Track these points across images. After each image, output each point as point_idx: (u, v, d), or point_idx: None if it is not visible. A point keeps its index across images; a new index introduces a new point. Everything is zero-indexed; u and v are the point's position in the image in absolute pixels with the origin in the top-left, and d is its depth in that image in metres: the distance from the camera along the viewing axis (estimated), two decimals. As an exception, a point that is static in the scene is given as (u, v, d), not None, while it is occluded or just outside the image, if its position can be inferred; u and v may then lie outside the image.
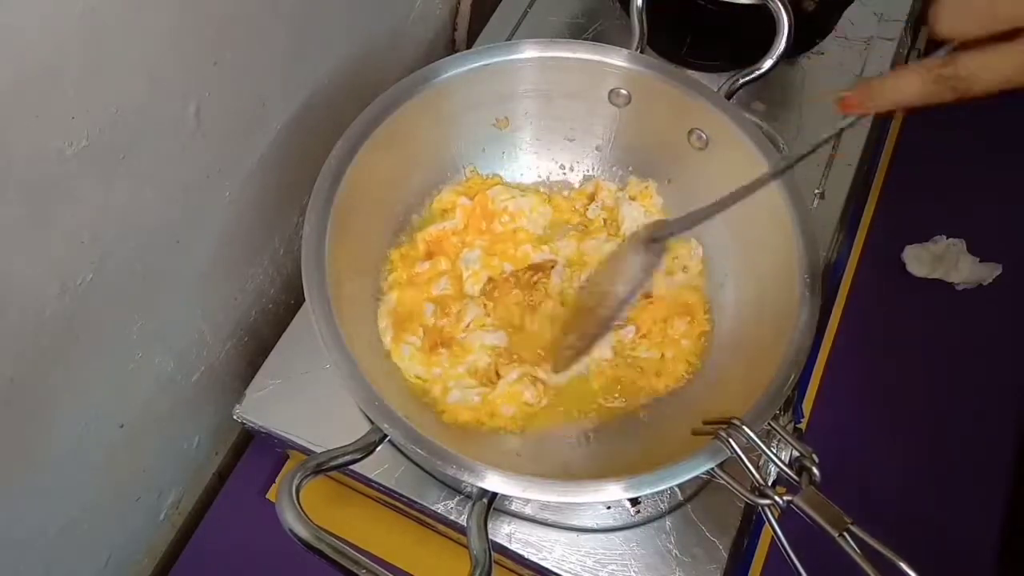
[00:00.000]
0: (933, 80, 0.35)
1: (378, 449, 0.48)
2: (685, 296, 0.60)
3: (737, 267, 0.59)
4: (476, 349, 0.58)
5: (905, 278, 0.78)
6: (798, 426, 0.67)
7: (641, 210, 0.63)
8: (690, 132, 0.59)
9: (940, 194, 0.82)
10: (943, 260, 0.77)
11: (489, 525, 0.46)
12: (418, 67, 0.58)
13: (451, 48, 0.83)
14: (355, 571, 0.41)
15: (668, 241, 0.53)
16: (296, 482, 0.43)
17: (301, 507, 0.42)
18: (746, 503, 0.50)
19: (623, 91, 0.61)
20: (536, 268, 0.61)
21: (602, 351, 0.59)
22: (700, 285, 0.61)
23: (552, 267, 0.61)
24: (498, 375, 0.57)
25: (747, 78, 0.60)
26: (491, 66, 0.59)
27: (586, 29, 0.77)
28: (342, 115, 0.56)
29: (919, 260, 0.77)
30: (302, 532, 0.41)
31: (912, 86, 0.36)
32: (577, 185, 0.66)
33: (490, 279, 0.61)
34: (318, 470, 0.45)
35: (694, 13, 0.68)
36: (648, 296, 0.60)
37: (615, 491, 0.45)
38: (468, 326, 0.58)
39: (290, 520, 0.42)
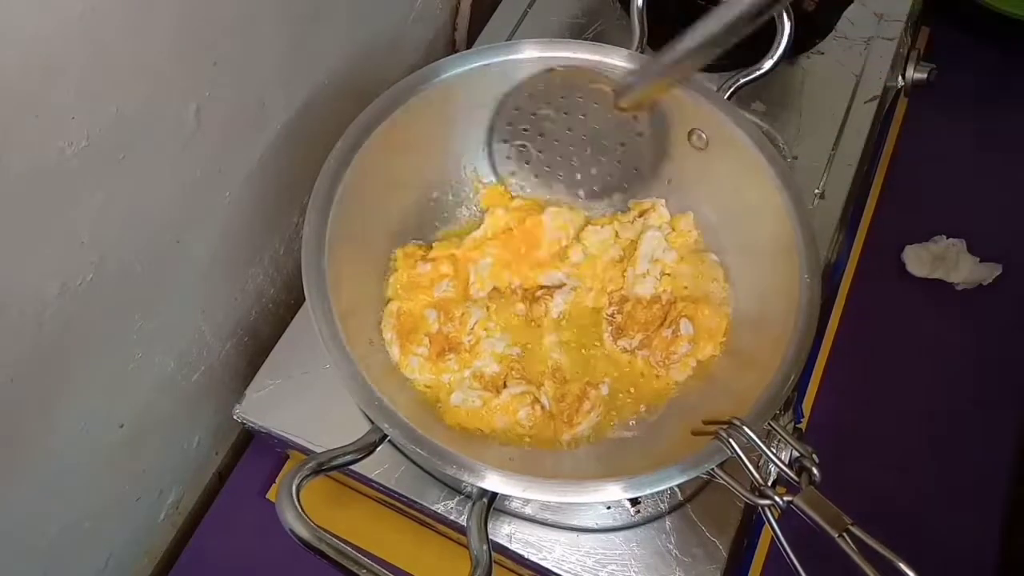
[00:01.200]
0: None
1: (378, 449, 0.48)
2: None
3: (737, 267, 0.59)
4: (485, 355, 0.57)
5: (905, 278, 0.78)
6: (798, 426, 0.67)
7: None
8: (690, 132, 0.59)
9: (940, 194, 0.82)
10: (943, 260, 0.77)
11: (489, 525, 0.46)
12: (418, 67, 0.58)
13: (451, 48, 0.83)
14: (355, 571, 0.41)
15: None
16: (296, 482, 0.43)
17: (301, 507, 0.42)
18: (746, 503, 0.50)
19: (623, 91, 0.61)
20: (544, 286, 0.61)
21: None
22: (699, 286, 0.61)
23: (560, 287, 0.60)
24: (505, 385, 0.57)
25: (747, 78, 0.60)
26: (491, 66, 0.59)
27: (586, 29, 0.77)
28: (342, 115, 0.56)
29: (919, 260, 0.77)
30: (302, 532, 0.41)
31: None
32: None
33: (495, 288, 0.60)
34: (318, 470, 0.45)
35: (694, 13, 0.68)
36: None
37: (615, 491, 0.45)
38: (472, 329, 0.58)
39: (290, 520, 0.42)
